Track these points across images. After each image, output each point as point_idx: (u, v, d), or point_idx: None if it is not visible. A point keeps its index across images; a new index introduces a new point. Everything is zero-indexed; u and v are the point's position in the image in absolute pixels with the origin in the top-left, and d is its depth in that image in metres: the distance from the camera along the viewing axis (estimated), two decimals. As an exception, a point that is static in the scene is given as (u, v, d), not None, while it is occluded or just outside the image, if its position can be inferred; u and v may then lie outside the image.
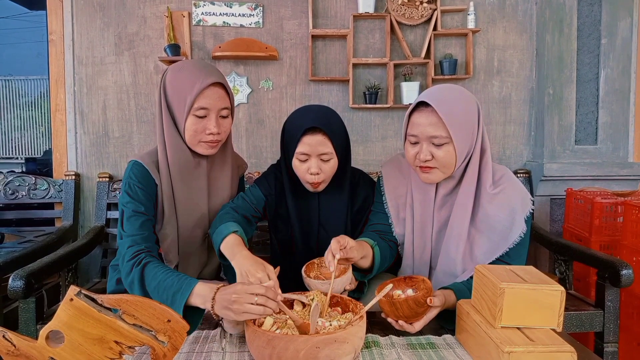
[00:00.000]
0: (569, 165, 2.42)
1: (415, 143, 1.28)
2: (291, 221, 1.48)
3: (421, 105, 1.26)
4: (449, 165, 1.26)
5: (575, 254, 1.93)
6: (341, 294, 1.18)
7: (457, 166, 1.27)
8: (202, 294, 1.06)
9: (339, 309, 1.12)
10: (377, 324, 1.17)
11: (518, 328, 0.93)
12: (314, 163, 1.36)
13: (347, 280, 1.20)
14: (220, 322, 1.14)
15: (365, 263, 1.26)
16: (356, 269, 1.27)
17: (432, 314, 1.10)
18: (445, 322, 1.16)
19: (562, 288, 0.92)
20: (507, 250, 1.24)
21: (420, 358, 0.98)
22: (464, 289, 1.17)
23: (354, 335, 0.93)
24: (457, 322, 1.09)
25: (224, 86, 1.34)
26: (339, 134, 1.41)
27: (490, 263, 1.25)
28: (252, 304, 0.96)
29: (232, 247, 1.23)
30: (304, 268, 1.25)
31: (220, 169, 1.46)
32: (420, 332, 1.11)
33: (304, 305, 1.12)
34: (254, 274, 1.10)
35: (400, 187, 1.42)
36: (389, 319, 1.10)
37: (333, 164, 1.39)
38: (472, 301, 1.05)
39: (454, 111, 1.23)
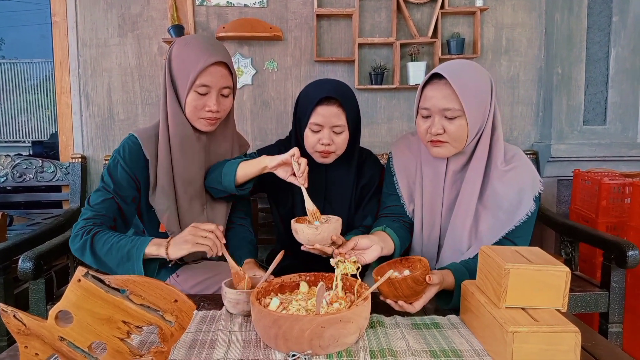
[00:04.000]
0: (576, 146, 2.39)
1: (427, 117, 1.28)
2: (294, 191, 1.47)
3: (434, 78, 1.26)
4: (461, 139, 1.25)
5: (581, 235, 1.93)
6: (330, 245, 1.20)
7: (469, 141, 1.27)
8: (156, 243, 1.21)
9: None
10: (381, 304, 1.18)
11: (523, 308, 0.94)
12: (326, 134, 1.37)
13: (335, 230, 1.20)
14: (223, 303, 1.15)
15: (390, 249, 1.29)
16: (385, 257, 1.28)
17: (430, 292, 1.09)
18: (443, 302, 1.16)
19: (567, 269, 0.92)
20: (514, 228, 1.24)
21: (424, 338, 0.99)
22: (461, 269, 1.17)
23: (359, 315, 0.94)
24: (461, 303, 1.09)
25: (227, 65, 1.36)
26: (353, 108, 1.42)
27: (496, 242, 1.26)
28: (204, 237, 1.17)
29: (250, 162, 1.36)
30: (293, 220, 1.26)
31: (220, 145, 1.49)
32: (424, 313, 1.12)
33: (309, 286, 1.13)
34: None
35: (410, 166, 1.42)
36: (388, 301, 1.09)
37: (345, 137, 1.40)
38: (476, 282, 1.05)
39: (467, 84, 1.22)
